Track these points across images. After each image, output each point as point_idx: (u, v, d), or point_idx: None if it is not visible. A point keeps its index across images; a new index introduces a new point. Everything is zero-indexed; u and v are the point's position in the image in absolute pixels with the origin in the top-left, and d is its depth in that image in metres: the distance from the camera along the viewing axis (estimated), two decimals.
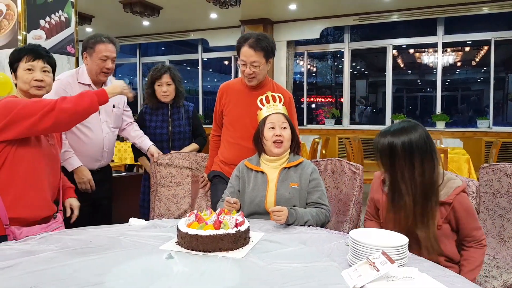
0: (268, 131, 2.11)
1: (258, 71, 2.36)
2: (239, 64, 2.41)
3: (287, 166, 2.11)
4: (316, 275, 1.28)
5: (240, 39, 2.39)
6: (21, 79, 1.96)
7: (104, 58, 2.54)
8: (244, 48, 2.34)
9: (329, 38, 9.34)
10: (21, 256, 1.46)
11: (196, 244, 1.51)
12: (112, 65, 2.59)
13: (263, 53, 2.34)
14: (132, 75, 11.39)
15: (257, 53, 2.32)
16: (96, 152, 2.60)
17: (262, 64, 2.36)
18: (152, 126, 3.08)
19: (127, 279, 1.28)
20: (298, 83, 9.45)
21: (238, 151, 2.43)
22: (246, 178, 2.16)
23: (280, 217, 1.82)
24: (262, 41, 2.33)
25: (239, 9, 7.25)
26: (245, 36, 2.38)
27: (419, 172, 1.67)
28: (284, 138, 2.09)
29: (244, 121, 2.45)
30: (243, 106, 2.47)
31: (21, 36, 3.16)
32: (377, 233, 1.48)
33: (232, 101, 2.52)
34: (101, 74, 2.57)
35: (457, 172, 4.67)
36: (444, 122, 7.65)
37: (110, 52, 2.56)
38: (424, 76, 9.80)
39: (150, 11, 7.42)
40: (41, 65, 1.98)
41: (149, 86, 3.09)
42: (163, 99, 3.06)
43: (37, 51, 2.01)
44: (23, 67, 1.96)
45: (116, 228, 1.84)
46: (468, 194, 1.86)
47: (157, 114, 3.09)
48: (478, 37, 7.74)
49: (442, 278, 1.25)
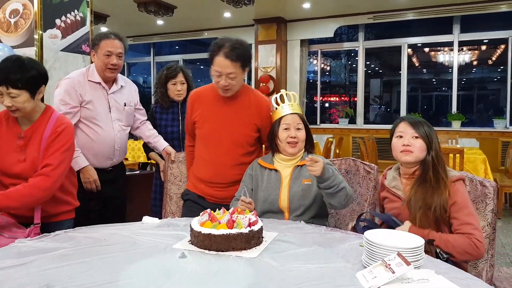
0: (283, 132, 2.09)
1: (235, 82, 2.14)
2: (212, 75, 2.15)
3: (300, 164, 2.09)
4: (330, 277, 1.27)
5: (214, 47, 2.12)
6: None
7: (108, 53, 2.51)
8: (218, 58, 2.08)
9: (343, 37, 9.27)
10: (36, 253, 1.47)
11: (209, 243, 1.50)
12: (118, 61, 2.55)
13: (240, 63, 2.10)
14: (146, 74, 11.48)
15: (233, 63, 2.08)
16: (108, 150, 2.61)
17: (239, 74, 2.13)
18: (162, 125, 3.10)
19: (140, 277, 1.28)
20: (311, 82, 9.40)
21: (216, 169, 2.25)
22: (259, 176, 2.15)
23: (315, 167, 1.79)
24: (238, 49, 2.08)
25: (252, 8, 7.24)
26: (218, 44, 2.11)
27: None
28: (299, 139, 2.08)
29: (219, 136, 2.24)
30: (218, 119, 2.25)
31: (37, 35, 3.20)
32: (392, 234, 1.46)
33: (205, 113, 2.28)
34: (107, 70, 2.54)
35: (474, 172, 4.60)
36: (460, 121, 7.54)
37: (114, 48, 2.52)
38: (439, 75, 9.67)
39: (164, 10, 7.45)
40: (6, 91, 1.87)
41: (162, 85, 3.10)
42: (177, 98, 3.07)
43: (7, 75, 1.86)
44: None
45: (130, 227, 1.85)
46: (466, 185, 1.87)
47: (167, 113, 3.12)
48: (495, 36, 7.60)
49: (459, 281, 1.22)
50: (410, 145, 1.84)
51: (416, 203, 1.79)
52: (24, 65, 1.90)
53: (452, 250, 1.66)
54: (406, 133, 1.88)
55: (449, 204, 1.77)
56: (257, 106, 2.28)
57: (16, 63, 1.89)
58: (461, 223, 1.72)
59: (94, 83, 2.58)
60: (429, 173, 1.81)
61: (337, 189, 1.87)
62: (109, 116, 2.61)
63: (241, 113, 2.25)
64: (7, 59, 1.91)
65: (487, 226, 1.91)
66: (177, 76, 3.04)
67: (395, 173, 1.99)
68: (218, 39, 2.18)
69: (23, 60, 1.92)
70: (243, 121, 2.24)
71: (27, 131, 2.00)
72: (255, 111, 2.27)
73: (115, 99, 2.65)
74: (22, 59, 1.93)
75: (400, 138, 1.89)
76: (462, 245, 1.67)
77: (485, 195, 1.92)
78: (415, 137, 1.86)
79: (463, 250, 1.67)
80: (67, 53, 3.43)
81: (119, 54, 2.55)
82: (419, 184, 1.83)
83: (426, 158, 1.85)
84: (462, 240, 1.68)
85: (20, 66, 1.88)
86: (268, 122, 2.22)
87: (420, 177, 1.84)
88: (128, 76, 11.32)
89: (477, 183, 1.96)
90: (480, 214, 1.93)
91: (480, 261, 1.91)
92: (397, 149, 1.89)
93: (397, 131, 1.92)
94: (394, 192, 1.94)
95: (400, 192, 1.92)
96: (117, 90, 2.67)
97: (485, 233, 1.91)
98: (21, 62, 1.91)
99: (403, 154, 1.86)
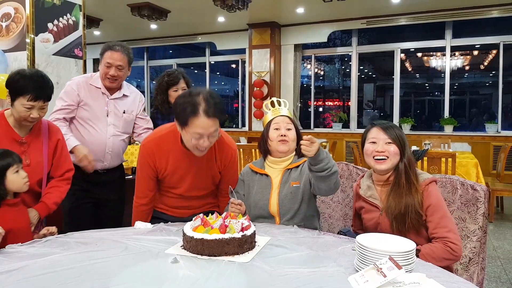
0: (273, 131, 2.10)
1: (214, 140, 1.94)
2: (188, 138, 1.89)
3: (290, 167, 2.10)
4: (322, 281, 1.27)
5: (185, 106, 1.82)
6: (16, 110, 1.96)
7: (108, 64, 2.56)
8: (199, 119, 1.81)
9: (336, 42, 9.32)
10: (27, 259, 1.46)
11: (202, 248, 1.50)
12: (117, 73, 2.58)
13: (220, 116, 1.86)
14: (140, 78, 11.45)
15: (215, 120, 1.84)
16: (98, 152, 2.62)
17: (218, 131, 1.93)
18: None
19: (132, 283, 1.27)
20: (305, 87, 9.43)
21: (186, 201, 2.17)
22: (250, 182, 2.16)
23: (311, 148, 1.72)
24: (216, 103, 1.83)
25: (246, 12, 7.27)
26: (191, 102, 1.81)
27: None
28: (289, 138, 2.08)
29: (187, 185, 2.11)
30: (184, 172, 2.07)
31: (29, 39, 3.19)
32: (384, 238, 1.46)
33: (170, 167, 2.06)
34: (106, 80, 2.61)
35: (466, 176, 4.63)
36: (452, 126, 7.61)
37: (114, 60, 2.56)
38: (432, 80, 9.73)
39: (158, 14, 7.45)
40: (40, 104, 1.97)
41: (163, 91, 3.05)
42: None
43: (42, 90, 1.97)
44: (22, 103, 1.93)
45: (122, 232, 1.84)
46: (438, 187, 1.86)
47: (169, 119, 3.02)
48: (486, 41, 7.68)
49: (450, 284, 1.23)
50: (384, 151, 1.83)
51: (393, 211, 1.78)
52: (48, 80, 2.03)
53: (432, 260, 1.63)
54: (379, 138, 1.86)
55: (425, 207, 1.77)
56: (220, 155, 2.12)
57: (45, 78, 2.01)
58: (436, 226, 1.73)
59: (95, 87, 2.65)
60: (402, 179, 1.81)
61: (330, 172, 1.80)
62: (105, 120, 2.65)
63: (204, 163, 2.08)
64: (34, 75, 1.98)
65: (478, 230, 1.92)
66: (178, 82, 3.00)
67: (369, 181, 1.97)
68: (184, 94, 1.90)
69: (44, 74, 2.04)
70: (206, 172, 2.10)
71: (28, 137, 2.06)
72: (219, 159, 2.12)
73: (114, 105, 2.69)
74: (42, 73, 2.05)
75: (373, 144, 1.87)
76: (440, 253, 1.67)
77: (476, 198, 1.93)
78: (388, 143, 1.84)
79: (441, 258, 1.67)
80: (59, 57, 3.43)
81: (118, 66, 2.58)
82: (394, 191, 1.82)
83: (399, 164, 1.84)
84: (439, 249, 1.68)
85: (48, 81, 2.02)
86: (232, 166, 2.18)
87: (395, 184, 1.83)
88: None
89: (468, 187, 1.98)
90: (471, 217, 1.95)
91: (471, 264, 1.92)
92: (370, 155, 1.87)
93: (369, 137, 1.90)
94: (371, 202, 1.91)
95: (377, 202, 1.89)
96: (118, 98, 2.72)
97: (476, 236, 1.92)
98: (45, 76, 2.03)
99: (378, 163, 1.85)
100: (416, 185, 1.79)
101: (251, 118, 8.76)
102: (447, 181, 2.07)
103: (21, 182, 1.84)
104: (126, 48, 2.63)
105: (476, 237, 1.92)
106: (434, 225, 1.73)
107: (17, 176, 1.82)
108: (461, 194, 2.01)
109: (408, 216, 1.75)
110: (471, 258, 1.93)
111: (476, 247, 1.92)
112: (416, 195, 1.76)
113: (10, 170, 1.80)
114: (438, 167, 4.32)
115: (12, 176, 1.81)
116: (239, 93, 9.99)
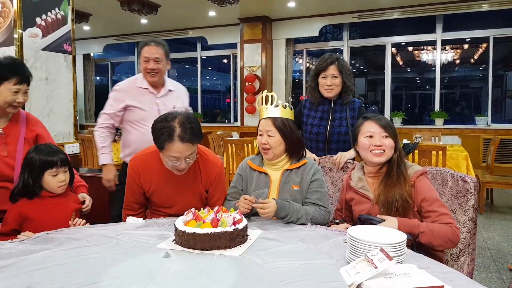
0: (259, 137, 2.09)
1: (193, 160, 1.98)
2: (165, 160, 1.94)
3: (290, 168, 2.07)
4: (314, 273, 1.28)
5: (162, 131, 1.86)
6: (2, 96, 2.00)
7: (146, 59, 2.69)
8: (174, 144, 1.85)
9: (328, 36, 9.32)
10: (17, 255, 1.45)
11: (194, 242, 1.50)
12: (156, 66, 2.69)
13: (196, 140, 1.90)
14: (131, 73, 11.37)
15: (190, 145, 1.88)
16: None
17: (195, 151, 1.97)
18: (309, 123, 2.71)
19: (124, 278, 1.27)
20: (297, 81, 9.43)
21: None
22: (248, 178, 2.13)
23: (266, 210, 1.79)
24: (192, 128, 1.87)
25: (237, 6, 7.23)
26: (166, 127, 1.85)
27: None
28: (270, 145, 2.02)
29: (174, 201, 2.11)
30: (170, 189, 2.10)
31: (17, 35, 3.15)
32: (375, 230, 1.47)
33: (154, 185, 2.10)
34: (147, 75, 2.73)
35: (456, 169, 4.67)
36: (442, 119, 7.66)
37: (150, 54, 2.68)
38: (423, 74, 9.78)
39: (148, 8, 7.39)
40: (25, 88, 2.04)
41: (313, 78, 2.74)
42: (326, 94, 2.66)
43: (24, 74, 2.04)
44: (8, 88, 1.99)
45: (113, 227, 1.83)
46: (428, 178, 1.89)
47: (316, 110, 2.73)
48: (476, 35, 7.73)
49: (441, 275, 1.24)
50: (381, 145, 1.86)
51: (384, 201, 1.82)
52: (25, 65, 2.10)
53: (438, 239, 1.68)
54: (375, 132, 1.88)
55: (419, 200, 1.80)
56: (206, 173, 2.12)
57: (23, 64, 2.08)
58: (439, 214, 1.75)
59: (142, 88, 2.77)
60: (394, 170, 1.85)
61: (295, 222, 1.87)
62: (157, 115, 2.62)
63: (189, 182, 2.09)
64: (15, 61, 2.08)
65: (468, 221, 1.94)
66: (327, 68, 2.63)
67: (360, 173, 1.99)
68: (161, 118, 1.92)
69: (21, 61, 2.16)
70: (192, 190, 2.11)
71: (6, 128, 2.09)
72: (204, 178, 2.12)
73: (163, 102, 2.79)
74: (19, 59, 2.17)
75: (370, 138, 1.89)
76: (447, 234, 1.70)
77: (466, 190, 1.95)
78: (385, 136, 1.87)
79: (448, 239, 1.70)
80: (48, 52, 3.38)
81: (156, 59, 2.70)
82: (386, 181, 1.86)
83: (393, 157, 1.88)
84: (446, 229, 1.71)
85: (26, 66, 2.09)
86: (218, 182, 2.15)
87: (386, 175, 1.87)
88: (112, 75, 11.21)
89: (458, 179, 1.99)
90: (461, 209, 1.97)
91: (462, 255, 1.94)
92: (367, 149, 1.89)
93: (364, 131, 1.92)
94: (362, 193, 1.93)
95: (368, 193, 1.91)
96: (165, 94, 2.81)
97: (466, 227, 1.94)
98: (22, 62, 2.14)
99: (375, 156, 1.87)
100: (405, 175, 1.84)
101: (243, 113, 8.75)
102: (438, 173, 2.09)
103: (55, 186, 1.93)
104: (161, 41, 2.76)
105: (466, 228, 1.94)
106: (436, 214, 1.76)
107: (53, 178, 1.92)
108: (451, 186, 2.02)
109: (396, 204, 1.78)
110: (461, 249, 1.95)
111: (466, 238, 1.94)
112: (405, 185, 1.81)
113: (48, 172, 1.90)
114: (428, 160, 4.35)
115: (48, 177, 1.91)
116: (231, 88, 9.97)
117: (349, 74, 2.64)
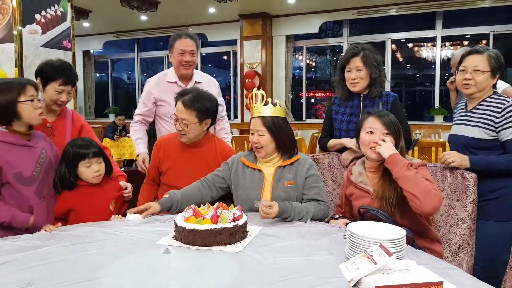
0: (250, 136, 2.09)
1: (188, 129, 2.25)
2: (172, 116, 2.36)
3: (283, 165, 2.07)
4: (314, 269, 1.28)
5: (178, 94, 2.32)
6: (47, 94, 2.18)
7: (181, 52, 2.77)
8: (178, 104, 2.27)
9: (328, 33, 9.30)
10: (17, 252, 1.45)
11: (194, 238, 1.50)
12: (191, 58, 2.79)
13: (196, 112, 2.23)
14: (131, 70, 11.36)
15: (188, 110, 2.22)
16: None
17: (193, 123, 2.24)
18: (338, 120, 2.56)
19: (123, 274, 1.27)
20: (297, 78, 9.41)
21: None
22: (241, 173, 2.13)
23: (269, 215, 1.78)
24: (196, 100, 2.24)
25: (237, 3, 7.22)
26: (182, 92, 2.31)
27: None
28: (261, 144, 2.03)
29: (183, 180, 2.24)
30: (185, 166, 2.35)
31: (17, 31, 3.14)
32: (374, 226, 1.47)
33: (172, 161, 2.38)
34: (181, 68, 2.80)
35: None
36: (442, 116, 7.66)
37: (186, 46, 2.77)
38: (422, 71, 9.77)
39: (147, 5, 7.37)
40: (69, 89, 2.21)
41: (339, 73, 2.60)
42: (352, 88, 2.48)
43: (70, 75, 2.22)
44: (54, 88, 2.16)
45: (113, 224, 1.83)
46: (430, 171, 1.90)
47: (345, 106, 2.57)
48: (476, 31, 7.72)
49: (440, 271, 1.25)
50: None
51: (384, 195, 1.81)
52: (73, 68, 2.31)
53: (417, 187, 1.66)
54: (376, 128, 1.88)
55: None
56: (222, 152, 2.38)
57: (71, 67, 2.28)
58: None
59: (171, 83, 2.86)
60: None
61: (296, 220, 1.87)
62: None
63: (207, 158, 2.35)
64: (63, 64, 2.24)
65: (468, 217, 1.94)
66: (349, 61, 2.49)
67: (361, 167, 1.99)
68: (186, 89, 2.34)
69: (70, 64, 2.30)
70: (209, 165, 2.30)
71: (54, 122, 2.27)
72: (219, 156, 2.35)
73: None
74: (68, 63, 2.31)
75: (371, 134, 1.89)
76: (428, 186, 1.68)
77: (466, 186, 1.95)
78: (386, 133, 1.87)
79: (428, 190, 1.66)
80: (47, 49, 3.38)
81: (191, 52, 2.79)
82: (384, 178, 1.85)
83: None
84: (430, 186, 1.69)
85: (74, 69, 2.30)
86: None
87: (385, 171, 1.85)
88: (112, 72, 11.20)
89: (458, 175, 2.00)
90: (461, 205, 1.97)
91: (461, 251, 1.95)
92: (367, 146, 1.89)
93: (366, 126, 1.91)
94: (362, 188, 1.93)
95: (368, 187, 1.91)
96: (193, 86, 2.80)
97: (465, 223, 1.94)
98: (71, 65, 2.29)
99: (373, 152, 1.86)
100: None
101: (243, 110, 8.74)
102: (437, 169, 2.09)
103: (90, 176, 2.05)
104: (193, 35, 2.86)
105: (465, 224, 1.95)
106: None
107: (87, 169, 2.04)
108: (450, 182, 2.03)
109: (392, 200, 1.78)
110: (460, 245, 1.95)
111: (465, 234, 1.95)
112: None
113: (82, 163, 2.02)
114: (428, 157, 4.35)
115: (83, 168, 2.03)
116: (231, 84, 9.96)
117: (376, 66, 2.44)
